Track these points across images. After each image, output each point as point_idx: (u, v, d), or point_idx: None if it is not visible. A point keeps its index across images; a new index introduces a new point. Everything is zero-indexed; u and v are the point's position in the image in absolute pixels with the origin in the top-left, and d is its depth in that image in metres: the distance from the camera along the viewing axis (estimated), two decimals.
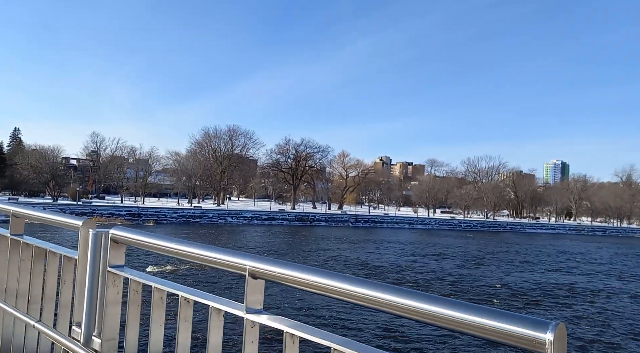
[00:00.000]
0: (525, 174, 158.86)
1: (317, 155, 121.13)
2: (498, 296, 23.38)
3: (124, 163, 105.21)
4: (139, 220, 72.49)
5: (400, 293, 1.24)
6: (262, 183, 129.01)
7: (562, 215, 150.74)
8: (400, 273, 29.97)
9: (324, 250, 42.76)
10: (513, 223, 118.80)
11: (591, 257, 50.46)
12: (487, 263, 38.50)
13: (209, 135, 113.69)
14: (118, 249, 2.21)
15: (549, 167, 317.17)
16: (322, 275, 1.43)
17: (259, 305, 1.65)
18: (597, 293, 25.89)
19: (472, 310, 1.10)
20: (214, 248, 1.81)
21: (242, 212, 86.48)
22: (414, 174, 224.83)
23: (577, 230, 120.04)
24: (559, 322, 0.97)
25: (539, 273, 33.12)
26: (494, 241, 69.95)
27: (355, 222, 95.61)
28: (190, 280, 22.72)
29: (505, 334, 1.02)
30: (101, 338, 2.17)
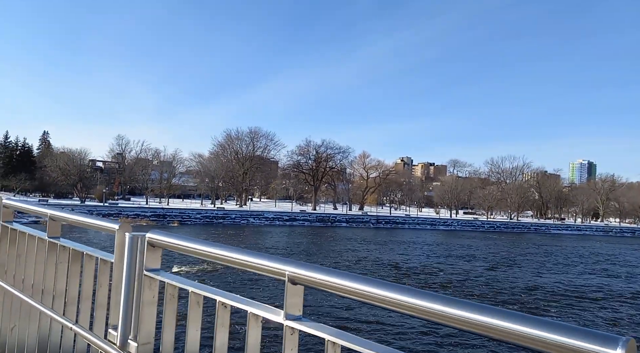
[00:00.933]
0: (550, 174, 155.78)
1: (338, 156, 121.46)
2: (532, 298, 23.13)
3: (148, 165, 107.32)
4: (164, 221, 73.83)
5: (452, 304, 1.18)
6: (283, 185, 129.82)
7: (588, 216, 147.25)
8: (431, 275, 29.90)
9: (350, 250, 42.89)
10: (537, 224, 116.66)
11: (625, 258, 49.31)
12: (516, 264, 38.05)
13: (231, 137, 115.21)
14: (154, 253, 2.22)
15: (574, 167, 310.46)
16: (363, 282, 1.38)
17: (298, 312, 1.61)
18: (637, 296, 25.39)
19: (537, 324, 1.04)
20: (252, 253, 1.79)
21: (264, 213, 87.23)
22: (435, 175, 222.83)
23: (605, 232, 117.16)
24: (630, 337, 0.92)
25: (573, 275, 32.63)
26: (519, 242, 68.90)
27: (376, 223, 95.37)
28: (224, 281, 23.16)
29: (570, 350, 0.96)
30: (137, 341, 2.17)
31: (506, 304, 21.31)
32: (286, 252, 39.00)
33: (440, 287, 25.10)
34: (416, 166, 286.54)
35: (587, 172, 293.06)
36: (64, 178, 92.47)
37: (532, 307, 21.16)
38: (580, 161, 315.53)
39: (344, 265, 31.89)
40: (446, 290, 24.53)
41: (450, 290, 24.62)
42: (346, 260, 35.37)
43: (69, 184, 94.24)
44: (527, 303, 22.03)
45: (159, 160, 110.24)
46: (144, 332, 2.17)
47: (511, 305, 21.16)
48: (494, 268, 34.81)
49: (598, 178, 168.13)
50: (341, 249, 43.95)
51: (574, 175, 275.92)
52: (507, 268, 34.84)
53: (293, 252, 39.41)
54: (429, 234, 78.28)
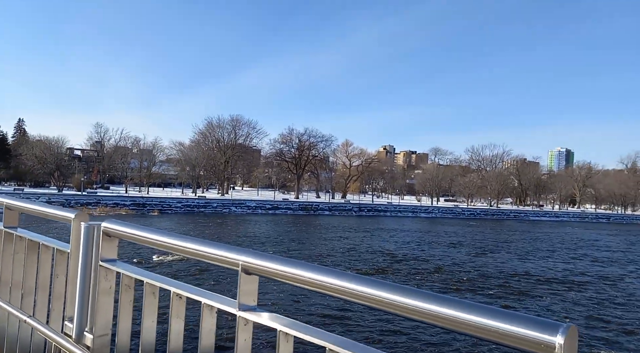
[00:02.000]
0: (529, 162, 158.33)
1: (321, 145, 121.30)
2: (517, 283, 23.51)
3: (128, 153, 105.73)
4: (144, 210, 72.97)
5: (399, 291, 1.19)
6: (266, 173, 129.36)
7: (566, 203, 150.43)
8: (418, 261, 30.16)
9: (334, 239, 42.93)
10: (517, 211, 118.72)
11: (605, 243, 50.52)
12: (498, 250, 38.64)
13: (212, 125, 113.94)
14: (110, 243, 2.17)
15: (553, 155, 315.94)
16: (318, 272, 1.38)
17: (252, 302, 1.61)
18: (610, 280, 26.03)
19: (476, 310, 1.04)
20: (207, 243, 1.77)
21: (246, 202, 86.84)
22: (417, 163, 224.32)
23: (581, 218, 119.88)
24: (570, 324, 0.93)
25: (555, 260, 33.30)
26: (499, 229, 70.07)
27: (358, 211, 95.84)
28: (190, 270, 22.98)
29: (511, 336, 0.97)
30: (93, 333, 2.14)
31: (490, 289, 21.64)
32: (268, 241, 38.91)
33: (428, 274, 25.34)
34: (398, 154, 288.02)
35: (565, 159, 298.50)
36: (41, 166, 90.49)
37: (516, 292, 21.51)
38: (559, 149, 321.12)
39: (328, 254, 31.97)
40: (435, 276, 24.77)
41: (439, 275, 24.91)
42: (331, 249, 35.45)
43: (46, 173, 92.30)
44: (512, 288, 22.40)
45: (138, 149, 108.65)
46: (101, 324, 2.14)
47: (496, 290, 21.51)
48: (477, 255, 35.34)
49: (575, 165, 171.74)
50: (324, 237, 44.04)
51: (552, 162, 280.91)
52: (490, 255, 35.40)
53: (275, 241, 39.35)
54: (410, 222, 79.03)
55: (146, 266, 22.95)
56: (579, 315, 17.50)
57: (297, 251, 32.74)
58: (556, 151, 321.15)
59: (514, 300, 19.55)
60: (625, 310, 18.84)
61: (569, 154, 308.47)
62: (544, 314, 17.41)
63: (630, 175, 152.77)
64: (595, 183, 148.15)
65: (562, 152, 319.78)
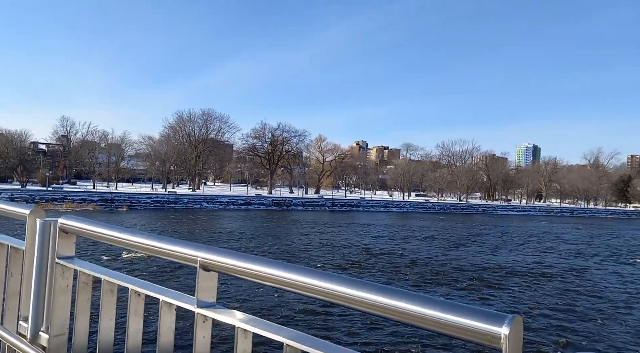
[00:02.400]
0: (498, 157, 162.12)
1: (294, 140, 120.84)
2: (490, 276, 24.03)
3: (95, 148, 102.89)
4: (112, 206, 71.25)
5: (352, 285, 1.20)
6: (238, 168, 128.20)
7: (532, 197, 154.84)
8: (393, 255, 30.40)
9: (307, 234, 42.87)
10: (485, 206, 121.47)
11: (573, 237, 52.22)
12: (470, 244, 39.43)
13: (183, 119, 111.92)
14: (67, 239, 2.12)
15: (521, 151, 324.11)
16: (277, 267, 1.38)
17: (211, 299, 1.58)
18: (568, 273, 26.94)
19: (426, 303, 1.06)
20: (164, 239, 1.75)
21: (218, 197, 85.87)
22: (389, 158, 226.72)
23: (547, 212, 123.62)
24: (515, 315, 0.95)
25: (525, 253, 34.21)
26: (469, 223, 71.57)
27: (332, 206, 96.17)
28: (168, 267, 22.59)
29: (459, 328, 0.99)
30: (49, 333, 2.08)
31: (463, 282, 22.06)
32: (244, 237, 38.60)
33: (403, 267, 25.60)
34: (371, 150, 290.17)
35: (532, 155, 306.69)
36: (2, 161, 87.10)
37: (488, 284, 21.98)
38: (526, 145, 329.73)
39: (305, 249, 31.94)
40: (409, 269, 25.06)
41: (413, 268, 25.22)
42: (307, 244, 35.43)
43: (8, 168, 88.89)
44: (484, 280, 22.90)
45: (106, 143, 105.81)
46: (57, 323, 2.08)
47: (469, 283, 21.94)
48: (450, 248, 36.00)
49: (542, 161, 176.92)
50: (299, 233, 44.00)
51: (520, 158, 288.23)
52: (462, 248, 36.12)
53: (249, 237, 39.09)
54: (383, 216, 79.82)
55: (122, 263, 22.45)
56: (544, 305, 18.06)
57: (272, 246, 32.62)
58: (524, 147, 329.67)
59: (485, 293, 20.00)
60: (590, 299, 19.58)
61: (536, 149, 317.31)
62: (514, 304, 17.91)
63: (593, 170, 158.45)
64: (560, 178, 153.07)
65: (529, 147, 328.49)
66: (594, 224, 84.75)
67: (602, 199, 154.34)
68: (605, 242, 48.67)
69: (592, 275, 26.15)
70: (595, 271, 27.84)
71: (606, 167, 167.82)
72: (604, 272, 27.72)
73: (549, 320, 16.09)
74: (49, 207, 62.13)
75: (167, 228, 44.00)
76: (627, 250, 40.77)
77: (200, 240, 35.07)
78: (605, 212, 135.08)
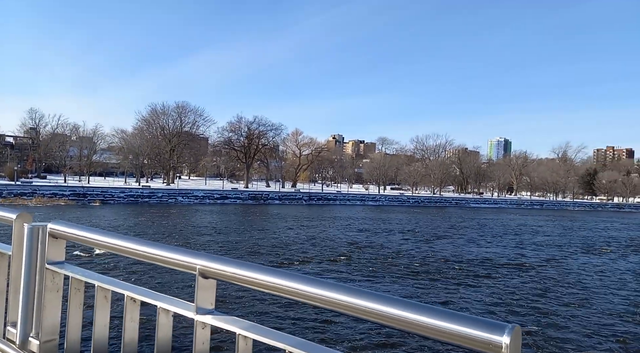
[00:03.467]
0: (470, 151, 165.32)
1: (270, 133, 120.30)
2: (470, 268, 24.68)
3: (66, 141, 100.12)
4: (84, 201, 69.77)
5: (354, 294, 1.21)
6: (214, 162, 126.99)
7: (504, 190, 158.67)
8: (365, 250, 30.62)
9: (285, 228, 42.96)
10: (458, 199, 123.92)
11: (547, 229, 53.87)
12: (444, 237, 40.22)
13: (157, 111, 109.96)
14: (57, 244, 2.09)
15: (492, 144, 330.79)
16: (276, 275, 1.39)
17: (210, 306, 1.59)
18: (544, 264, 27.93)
19: (429, 312, 1.08)
20: (162, 246, 1.72)
21: (193, 191, 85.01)
22: (365, 152, 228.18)
23: (518, 204, 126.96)
24: (515, 325, 0.98)
25: (500, 246, 35.20)
26: (443, 215, 72.97)
27: (308, 200, 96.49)
28: None
29: (460, 337, 1.01)
30: (39, 339, 2.06)
31: (446, 274, 22.62)
32: (216, 232, 38.45)
33: (386, 259, 25.99)
34: (347, 144, 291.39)
35: (503, 148, 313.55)
36: None
37: (472, 275, 22.61)
38: (498, 138, 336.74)
39: (286, 244, 32.03)
40: (392, 262, 25.47)
41: (396, 261, 25.62)
42: (286, 238, 35.54)
43: None
44: (465, 271, 23.50)
45: (78, 136, 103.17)
46: (47, 329, 2.06)
47: (452, 274, 22.49)
48: (428, 241, 36.71)
49: (513, 154, 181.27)
50: (277, 227, 44.05)
51: (491, 152, 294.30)
52: (440, 241, 36.85)
53: (224, 232, 38.98)
54: (359, 209, 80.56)
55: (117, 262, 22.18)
56: (523, 295, 18.78)
57: (255, 241, 32.65)
58: (495, 141, 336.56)
59: (468, 285, 20.56)
60: (565, 288, 20.44)
61: (507, 143, 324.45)
62: (498, 297, 18.52)
63: (561, 163, 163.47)
64: (531, 172, 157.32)
65: (500, 141, 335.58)
66: (565, 216, 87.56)
67: (570, 192, 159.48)
68: (577, 233, 50.50)
69: (568, 265, 27.21)
70: (570, 261, 28.96)
71: (574, 160, 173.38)
72: (578, 261, 28.86)
73: (532, 305, 16.79)
74: (17, 202, 60.37)
75: (143, 224, 43.43)
76: (598, 241, 42.44)
77: (180, 237, 34.87)
78: (573, 204, 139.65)
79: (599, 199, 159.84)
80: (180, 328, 10.99)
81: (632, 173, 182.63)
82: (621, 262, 29.65)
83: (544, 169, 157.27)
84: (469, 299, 17.81)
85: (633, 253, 34.44)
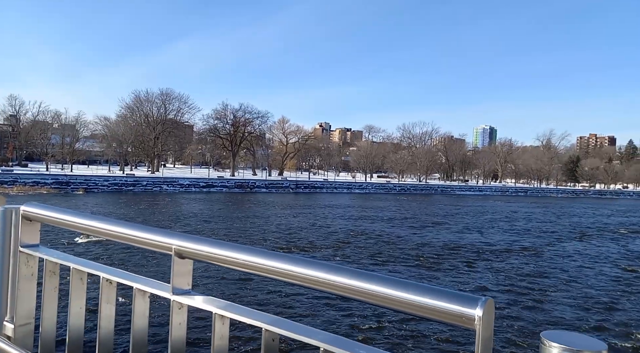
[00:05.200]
0: (456, 139, 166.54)
1: (257, 121, 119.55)
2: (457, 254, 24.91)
3: (48, 128, 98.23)
4: (67, 189, 68.72)
5: (330, 270, 1.22)
6: (199, 150, 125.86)
7: (489, 178, 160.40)
8: (354, 237, 30.75)
9: (273, 216, 42.79)
10: (444, 186, 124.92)
11: (525, 215, 54.60)
12: (432, 224, 40.46)
13: (140, 99, 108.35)
14: (31, 227, 2.07)
15: (478, 132, 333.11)
16: (252, 254, 1.40)
17: (187, 286, 1.58)
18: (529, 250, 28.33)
19: (405, 287, 1.10)
20: (137, 226, 1.71)
21: (179, 180, 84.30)
22: (352, 140, 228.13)
23: (502, 191, 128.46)
24: (488, 297, 0.99)
25: (490, 233, 35.58)
26: (429, 202, 73.52)
27: (295, 188, 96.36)
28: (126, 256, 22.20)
29: (435, 310, 1.03)
30: (14, 323, 2.04)
31: (435, 259, 22.79)
32: (202, 220, 38.19)
33: (373, 245, 26.12)
34: (334, 132, 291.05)
35: (489, 136, 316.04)
36: None
37: (460, 260, 22.83)
38: (483, 126, 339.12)
39: (275, 230, 31.99)
40: (381, 248, 25.58)
41: (384, 247, 25.76)
42: (277, 225, 35.45)
43: None
44: (455, 256, 23.75)
45: (60, 124, 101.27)
46: (22, 313, 2.05)
47: (442, 260, 22.68)
48: (415, 228, 36.93)
49: (498, 142, 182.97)
50: (264, 215, 43.90)
51: (477, 139, 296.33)
52: (428, 228, 37.04)
53: (210, 220, 38.76)
54: (346, 197, 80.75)
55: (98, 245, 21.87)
56: (510, 275, 19.04)
57: (237, 231, 32.52)
58: (481, 128, 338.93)
59: (456, 270, 20.77)
60: (551, 269, 20.77)
61: (493, 131, 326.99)
62: (487, 280, 18.74)
63: (545, 151, 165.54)
64: (515, 159, 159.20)
65: (486, 129, 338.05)
66: (550, 203, 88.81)
67: (554, 179, 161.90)
68: (567, 220, 51.30)
69: (555, 250, 27.65)
70: (555, 248, 29.42)
71: (557, 148, 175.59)
72: (557, 247, 29.33)
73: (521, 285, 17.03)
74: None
75: (127, 212, 42.98)
76: (588, 227, 43.19)
77: (165, 226, 34.59)
78: (556, 191, 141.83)
79: (581, 186, 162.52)
80: (158, 309, 10.96)
81: (614, 160, 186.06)
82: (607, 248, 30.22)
83: (529, 156, 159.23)
84: (462, 281, 17.99)
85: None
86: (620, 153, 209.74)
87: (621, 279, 20.03)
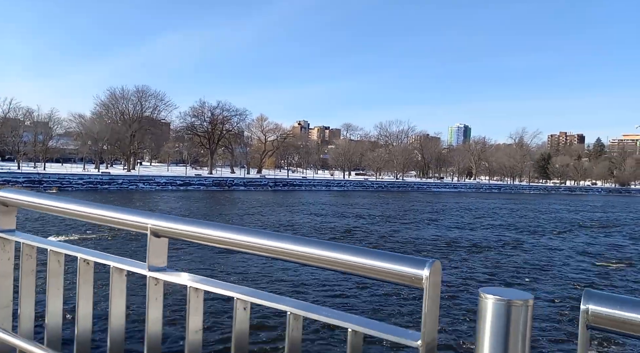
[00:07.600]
0: (431, 137, 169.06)
1: (235, 119, 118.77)
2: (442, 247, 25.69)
3: (19, 125, 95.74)
4: (40, 187, 67.21)
5: (295, 241, 1.30)
6: (177, 148, 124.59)
7: (463, 175, 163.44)
8: (332, 233, 31.37)
9: (250, 214, 42.97)
10: (420, 183, 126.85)
11: (500, 212, 56.12)
12: (411, 220, 41.18)
13: (116, 96, 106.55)
14: (7, 212, 2.09)
15: (453, 130, 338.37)
16: (225, 230, 1.46)
17: (162, 263, 1.64)
18: None
19: (360, 253, 1.19)
20: (113, 208, 1.77)
21: (155, 178, 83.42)
22: (330, 138, 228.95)
23: (477, 188, 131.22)
24: (435, 259, 1.09)
25: (467, 229, 36.59)
26: (405, 199, 74.72)
27: (274, 186, 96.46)
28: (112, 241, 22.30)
29: (389, 273, 1.12)
30: None
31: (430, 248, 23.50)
32: (189, 216, 38.22)
33: (355, 242, 26.70)
34: (312, 130, 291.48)
35: (463, 134, 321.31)
36: None
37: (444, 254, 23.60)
38: (458, 125, 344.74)
39: None
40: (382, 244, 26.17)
41: (386, 244, 26.34)
42: (255, 222, 35.77)
43: None
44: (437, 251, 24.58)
45: (32, 121, 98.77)
46: (1, 297, 2.06)
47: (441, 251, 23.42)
48: (392, 223, 37.77)
49: (472, 140, 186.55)
50: (240, 213, 44.09)
51: (452, 137, 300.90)
52: (407, 224, 37.85)
53: (194, 217, 38.79)
54: (325, 195, 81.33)
55: None
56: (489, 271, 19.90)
57: None
58: (455, 127, 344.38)
59: None
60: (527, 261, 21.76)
61: (467, 129, 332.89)
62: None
63: (518, 149, 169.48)
64: (489, 157, 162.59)
65: (460, 127, 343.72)
66: (524, 199, 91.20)
67: (526, 176, 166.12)
68: (547, 215, 53.02)
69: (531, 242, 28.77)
70: (528, 239, 30.59)
71: (529, 146, 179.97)
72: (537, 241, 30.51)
73: None
74: None
75: None
76: (564, 222, 44.83)
77: None
78: (529, 187, 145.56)
79: (552, 183, 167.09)
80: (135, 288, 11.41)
81: (583, 157, 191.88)
82: None
83: (502, 154, 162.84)
84: None
85: None
86: (588, 151, 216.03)
87: None
